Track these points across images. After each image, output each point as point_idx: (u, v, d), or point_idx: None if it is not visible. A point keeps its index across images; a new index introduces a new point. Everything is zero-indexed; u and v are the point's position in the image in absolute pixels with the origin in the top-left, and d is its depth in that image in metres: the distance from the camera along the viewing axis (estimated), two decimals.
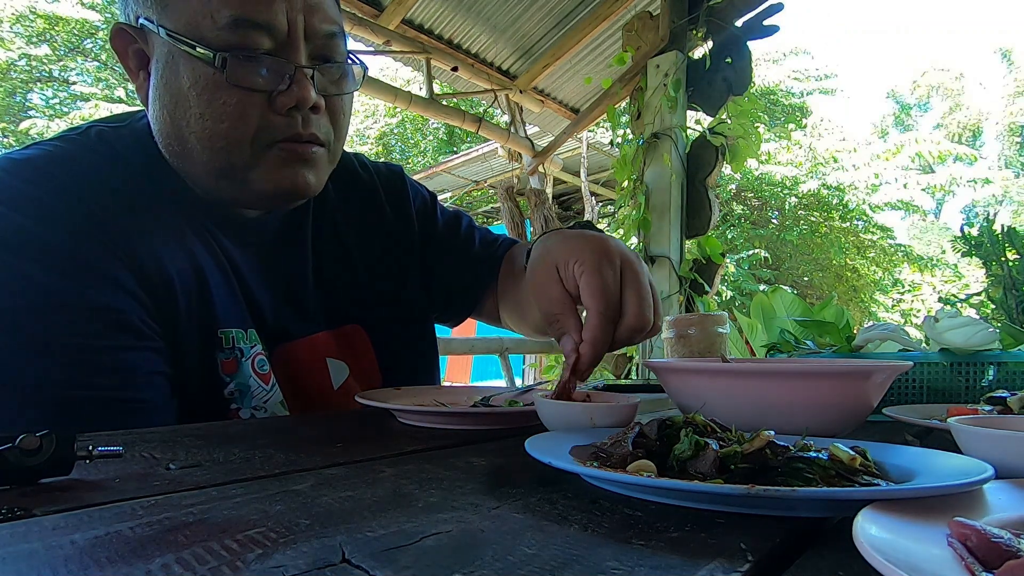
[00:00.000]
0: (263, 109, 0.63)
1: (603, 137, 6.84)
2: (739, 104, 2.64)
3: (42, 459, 0.35)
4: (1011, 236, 1.31)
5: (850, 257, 10.09)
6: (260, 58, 0.62)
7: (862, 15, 63.28)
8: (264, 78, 0.63)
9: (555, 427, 0.51)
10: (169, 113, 0.64)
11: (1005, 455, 0.38)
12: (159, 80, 0.64)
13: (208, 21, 0.60)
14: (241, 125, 0.63)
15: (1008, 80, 20.22)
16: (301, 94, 0.63)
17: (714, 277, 2.81)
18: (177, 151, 0.67)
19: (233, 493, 0.34)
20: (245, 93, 0.62)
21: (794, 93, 12.68)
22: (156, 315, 0.63)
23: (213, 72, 0.61)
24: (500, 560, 0.25)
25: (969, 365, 0.75)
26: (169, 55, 0.63)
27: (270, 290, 0.76)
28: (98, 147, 0.68)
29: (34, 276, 0.57)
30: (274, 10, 0.61)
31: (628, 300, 0.57)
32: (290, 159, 0.66)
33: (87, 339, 0.58)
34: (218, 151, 0.64)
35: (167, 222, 0.67)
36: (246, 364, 0.69)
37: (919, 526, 0.26)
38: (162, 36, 0.62)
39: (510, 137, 3.92)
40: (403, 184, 0.94)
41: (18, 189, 0.60)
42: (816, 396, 0.50)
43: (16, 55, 9.41)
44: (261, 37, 0.62)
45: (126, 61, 0.67)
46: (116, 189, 0.64)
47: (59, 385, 0.57)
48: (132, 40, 0.66)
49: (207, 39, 0.60)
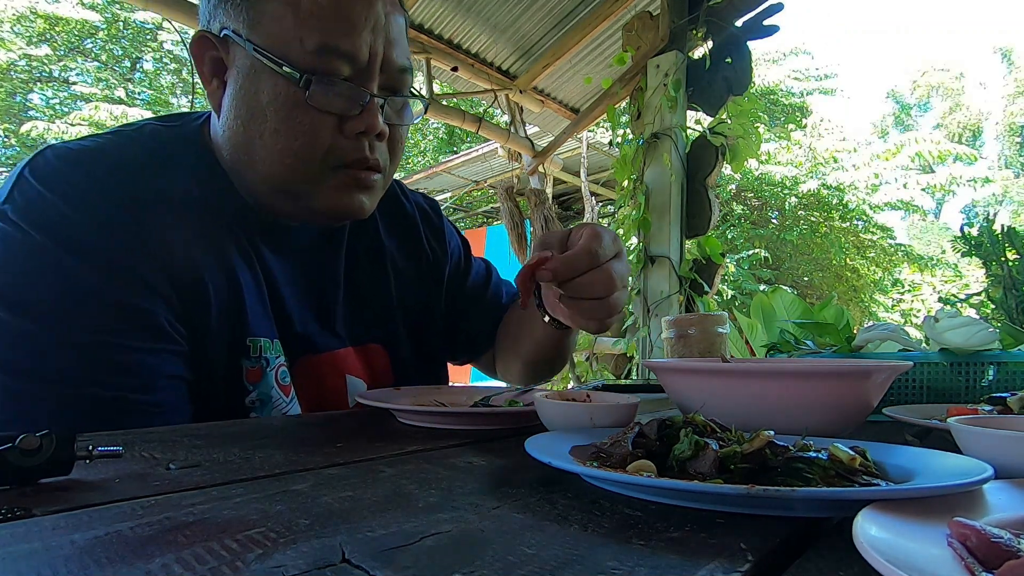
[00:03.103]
0: (334, 132, 0.66)
1: (603, 137, 6.84)
2: (739, 104, 2.63)
3: (42, 459, 0.35)
4: (1011, 236, 1.31)
5: (850, 257, 10.09)
6: (339, 84, 0.65)
7: (862, 15, 63.23)
8: (340, 103, 0.65)
9: (555, 427, 0.51)
10: (243, 124, 0.66)
11: (1005, 455, 0.38)
12: (236, 91, 0.66)
13: (296, 44, 0.63)
14: (313, 145, 0.66)
15: (1008, 80, 20.22)
16: (371, 121, 0.67)
17: (714, 277, 2.81)
18: (244, 161, 0.69)
19: (233, 493, 0.34)
20: (320, 115, 0.65)
21: (794, 93, 12.68)
22: (184, 318, 0.64)
23: (294, 91, 0.64)
24: (500, 560, 0.25)
25: (969, 365, 0.75)
26: (251, 69, 0.65)
27: (301, 300, 0.77)
28: (149, 145, 0.69)
29: (68, 266, 0.58)
30: (359, 42, 0.65)
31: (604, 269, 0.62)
32: (352, 183, 0.69)
33: (111, 336, 0.59)
34: (286, 167, 0.67)
35: (207, 225, 0.68)
36: (270, 374, 0.70)
37: (919, 526, 0.26)
38: (248, 50, 0.64)
39: (510, 137, 3.92)
40: (441, 220, 0.98)
41: (66, 177, 0.62)
42: (816, 396, 0.50)
43: (17, 55, 9.41)
44: (342, 64, 0.65)
45: (201, 67, 0.69)
46: (161, 189, 0.66)
47: (77, 381, 0.57)
48: (212, 48, 0.67)
49: (293, 60, 0.63)
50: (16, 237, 0.58)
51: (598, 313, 0.65)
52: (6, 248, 0.58)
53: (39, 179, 0.61)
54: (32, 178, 0.61)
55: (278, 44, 0.63)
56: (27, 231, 0.58)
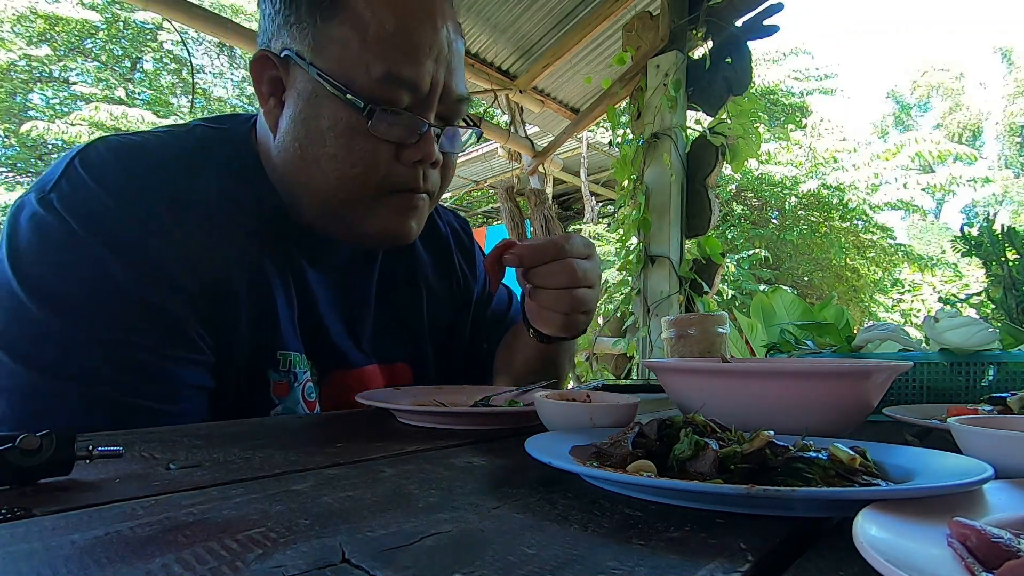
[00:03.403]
0: (390, 159, 0.67)
1: (603, 137, 6.84)
2: (739, 104, 2.63)
3: (42, 459, 0.35)
4: (1011, 236, 1.31)
5: (850, 257, 10.08)
6: (401, 114, 0.65)
7: (862, 15, 63.20)
8: (399, 132, 0.66)
9: (555, 427, 0.51)
10: (301, 146, 0.67)
11: (1005, 455, 0.38)
12: (296, 113, 0.66)
13: (362, 72, 0.63)
14: (370, 172, 0.66)
15: (1008, 80, 20.22)
16: (427, 150, 0.67)
17: (714, 277, 2.80)
18: (298, 182, 0.69)
19: (233, 493, 0.34)
20: (379, 143, 0.65)
21: (794, 93, 12.67)
22: (212, 327, 0.64)
23: (356, 119, 0.64)
24: (500, 560, 0.25)
25: (969, 365, 0.75)
26: (313, 92, 0.64)
27: (336, 314, 0.78)
28: (198, 148, 0.69)
29: (103, 263, 0.58)
30: (423, 71, 0.65)
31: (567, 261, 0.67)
32: (404, 208, 0.70)
33: (138, 340, 0.59)
34: (341, 191, 0.67)
35: (246, 233, 0.68)
36: (297, 389, 0.70)
37: (919, 526, 0.26)
38: (311, 74, 0.64)
39: (510, 137, 3.92)
40: (472, 242, 1.01)
41: (114, 171, 0.62)
42: (816, 396, 0.50)
43: (17, 55, 9.41)
44: (404, 93, 0.65)
45: (259, 85, 0.68)
46: (204, 192, 0.66)
47: (100, 384, 0.57)
48: (271, 67, 0.67)
49: (357, 87, 0.63)
50: (56, 227, 0.58)
51: (560, 305, 0.68)
52: (45, 238, 0.58)
53: (88, 169, 0.61)
54: (81, 168, 0.61)
55: (343, 70, 0.63)
56: (68, 222, 0.58)
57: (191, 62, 10.22)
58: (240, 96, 11.61)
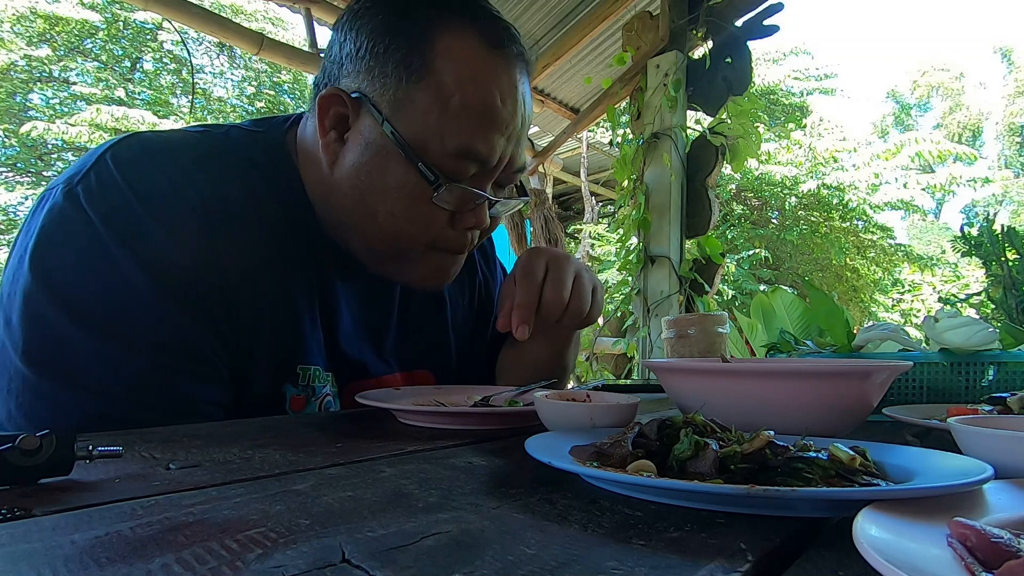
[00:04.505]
0: (445, 223, 0.69)
1: (603, 137, 6.84)
2: (739, 104, 2.63)
3: (42, 459, 0.35)
4: (1011, 236, 1.31)
5: (850, 257, 10.08)
6: (465, 188, 0.67)
7: (862, 15, 63.22)
8: (460, 203, 0.68)
9: (555, 427, 0.51)
10: (360, 194, 0.67)
11: (1005, 455, 0.38)
12: (360, 161, 0.66)
13: (437, 141, 0.63)
14: (424, 233, 0.68)
15: (1008, 80, 20.23)
16: (480, 218, 0.70)
17: (714, 277, 2.81)
18: (349, 221, 0.70)
19: (233, 493, 0.34)
20: (438, 210, 0.67)
21: (794, 93, 12.67)
22: (230, 340, 0.63)
23: (423, 187, 0.65)
24: (500, 560, 0.25)
25: (969, 365, 0.75)
26: (383, 148, 0.65)
27: (359, 325, 0.78)
28: (230, 151, 0.68)
29: (122, 266, 0.57)
30: (496, 148, 0.66)
31: (547, 285, 0.73)
32: (446, 265, 0.73)
33: (152, 355, 0.58)
34: (392, 244, 0.69)
35: (271, 242, 0.67)
36: (313, 404, 0.70)
37: (919, 526, 0.26)
38: (386, 131, 0.64)
39: None
40: (494, 249, 1.02)
41: (144, 169, 0.61)
42: (816, 396, 0.50)
43: (17, 55, 9.41)
44: (473, 167, 0.66)
45: (323, 118, 0.67)
46: (233, 200, 0.65)
47: (112, 397, 0.56)
48: (340, 104, 0.66)
49: (430, 156, 0.64)
50: (78, 222, 0.57)
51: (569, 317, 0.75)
52: (65, 232, 0.57)
53: (118, 165, 0.60)
54: (112, 163, 0.60)
55: (419, 135, 0.63)
56: (91, 219, 0.57)
57: (191, 62, 10.21)
58: (240, 96, 11.61)
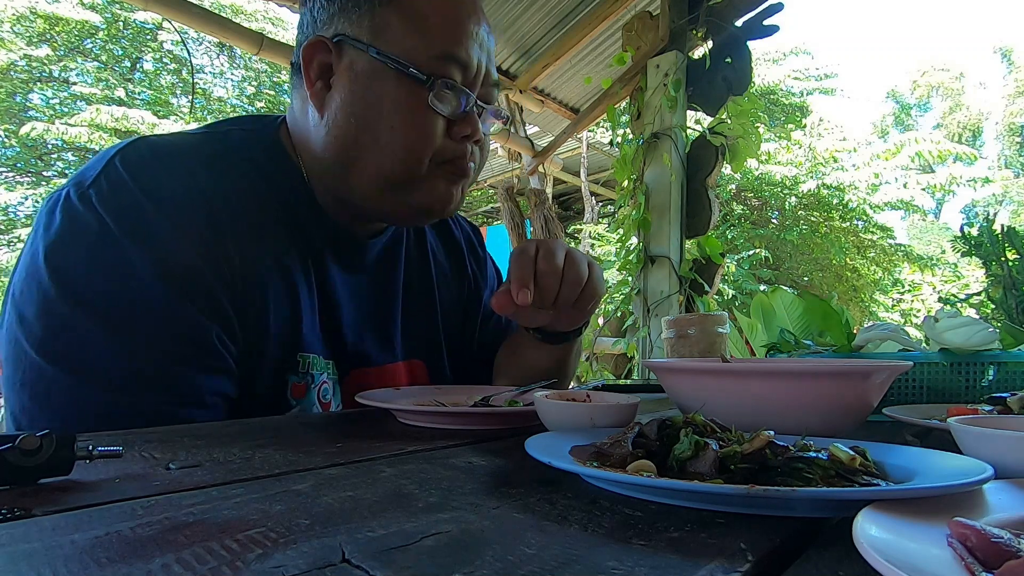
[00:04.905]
0: (443, 133, 0.71)
1: (603, 137, 6.84)
2: (739, 104, 2.63)
3: (42, 459, 0.35)
4: (1011, 236, 1.31)
5: (850, 257, 10.07)
6: (456, 88, 0.70)
7: (862, 15, 63.21)
8: (453, 106, 0.71)
9: (555, 427, 0.51)
10: (358, 122, 0.69)
11: (1005, 455, 0.38)
12: (350, 92, 0.69)
13: (421, 51, 0.68)
14: (426, 143, 0.70)
15: (1008, 80, 20.23)
16: (474, 126, 0.73)
17: (714, 277, 2.80)
18: (351, 157, 0.71)
19: (233, 493, 0.34)
20: (435, 116, 0.70)
21: (794, 93, 12.67)
22: (237, 332, 0.66)
23: (418, 92, 0.68)
24: (500, 560, 0.25)
25: (969, 365, 0.75)
26: (371, 72, 0.68)
27: (361, 314, 0.80)
28: (232, 151, 0.72)
29: (134, 263, 0.59)
30: (473, 52, 0.71)
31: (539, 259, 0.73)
32: (452, 178, 0.74)
33: (162, 346, 0.60)
34: (400, 162, 0.70)
35: (277, 235, 0.71)
36: (313, 391, 0.73)
37: (919, 526, 0.26)
38: (371, 54, 0.68)
39: (510, 137, 3.92)
40: (483, 249, 1.05)
41: (152, 170, 0.64)
42: (816, 396, 0.50)
43: (17, 55, 9.41)
44: (457, 71, 0.70)
45: (308, 70, 0.71)
46: (238, 195, 0.68)
47: (124, 387, 0.58)
48: (323, 52, 0.70)
49: (419, 64, 0.68)
50: (91, 223, 0.59)
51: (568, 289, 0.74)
52: (79, 232, 0.59)
53: (127, 167, 0.63)
54: (121, 166, 0.63)
55: (403, 50, 0.68)
56: (104, 219, 0.59)
57: (191, 62, 10.22)
58: (240, 96, 11.61)
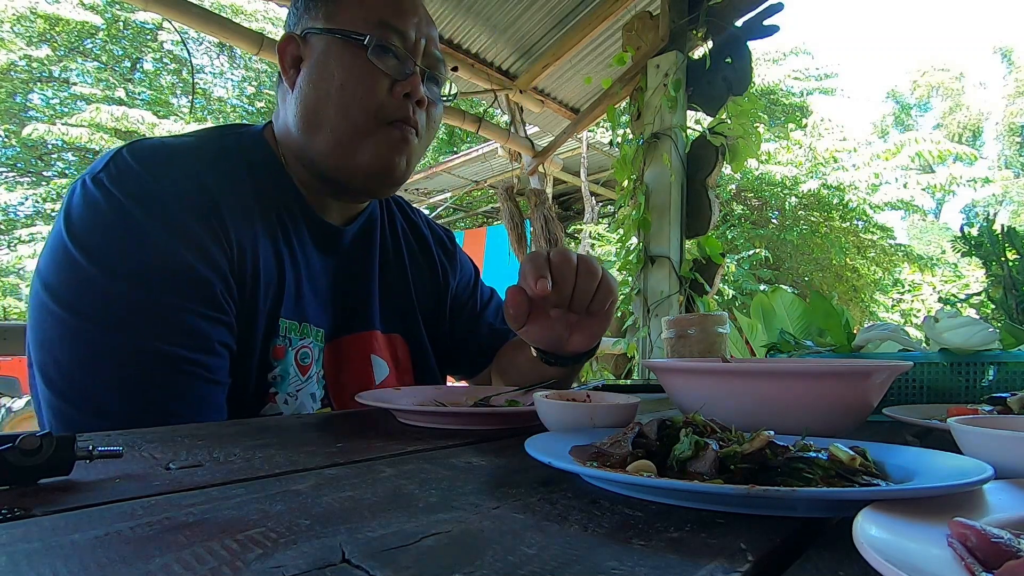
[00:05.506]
0: (385, 91, 0.79)
1: (603, 137, 6.84)
2: (739, 104, 2.63)
3: (42, 459, 0.35)
4: (1011, 236, 1.31)
5: (850, 257, 10.07)
6: (395, 50, 0.80)
7: (863, 15, 63.18)
8: (393, 66, 0.79)
9: (555, 427, 0.51)
10: (314, 87, 0.79)
11: (1005, 455, 0.38)
12: (311, 67, 0.80)
13: (362, 21, 0.79)
14: (370, 97, 0.78)
15: (1008, 80, 20.24)
16: (415, 85, 0.80)
17: (714, 277, 2.80)
18: (311, 122, 0.80)
19: (233, 493, 0.34)
20: (377, 73, 0.78)
21: (794, 93, 12.67)
22: (237, 296, 0.73)
23: (359, 52, 0.78)
24: (500, 560, 0.25)
25: (969, 365, 0.75)
26: (326, 47, 0.79)
27: (340, 291, 0.89)
28: (226, 148, 0.81)
29: (146, 229, 0.67)
30: (409, 24, 0.81)
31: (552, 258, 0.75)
32: (397, 140, 0.81)
33: (176, 298, 0.67)
34: (347, 116, 0.79)
35: (264, 214, 0.79)
36: (291, 353, 0.80)
37: (919, 526, 0.26)
38: (324, 34, 0.79)
39: (510, 137, 3.92)
40: (455, 248, 1.13)
41: (155, 157, 0.72)
42: (816, 396, 0.50)
43: (17, 55, 9.40)
44: (395, 39, 0.80)
45: (283, 61, 0.82)
46: (230, 178, 0.77)
47: (142, 333, 0.65)
48: (293, 45, 0.82)
49: (359, 29, 0.79)
50: (105, 200, 0.67)
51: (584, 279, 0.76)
52: (95, 209, 0.67)
53: (132, 155, 0.71)
54: (128, 155, 0.72)
55: (348, 24, 0.79)
56: (116, 196, 0.68)
57: (191, 62, 10.22)
58: (240, 96, 11.61)
